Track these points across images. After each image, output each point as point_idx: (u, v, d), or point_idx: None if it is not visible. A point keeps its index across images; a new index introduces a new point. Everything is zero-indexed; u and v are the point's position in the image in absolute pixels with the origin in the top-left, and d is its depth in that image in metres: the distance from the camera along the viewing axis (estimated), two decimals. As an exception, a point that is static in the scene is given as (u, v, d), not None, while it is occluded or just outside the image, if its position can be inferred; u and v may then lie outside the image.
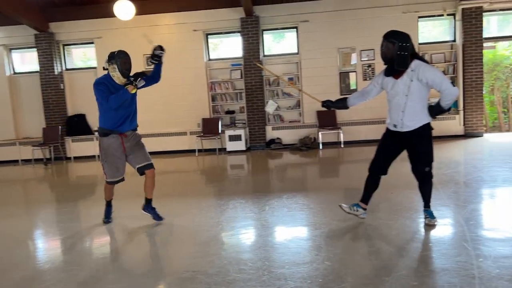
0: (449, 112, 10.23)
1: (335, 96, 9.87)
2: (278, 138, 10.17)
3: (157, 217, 4.43)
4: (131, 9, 8.33)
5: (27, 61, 11.28)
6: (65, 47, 10.68)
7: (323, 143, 9.80)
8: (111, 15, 8.71)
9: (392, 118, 3.68)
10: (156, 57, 4.40)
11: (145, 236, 4.21)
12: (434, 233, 3.66)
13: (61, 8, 10.21)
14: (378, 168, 3.83)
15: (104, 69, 4.17)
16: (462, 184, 5.34)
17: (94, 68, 10.50)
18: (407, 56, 3.47)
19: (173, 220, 4.72)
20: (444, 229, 3.77)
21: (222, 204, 5.23)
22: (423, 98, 3.56)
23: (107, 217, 4.56)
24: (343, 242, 3.60)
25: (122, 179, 4.39)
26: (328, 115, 9.79)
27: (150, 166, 4.32)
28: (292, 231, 4.08)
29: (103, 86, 4.07)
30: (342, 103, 4.08)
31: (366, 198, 3.95)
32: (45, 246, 3.94)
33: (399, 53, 3.46)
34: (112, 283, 3.13)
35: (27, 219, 5.25)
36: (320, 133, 9.75)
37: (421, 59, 3.57)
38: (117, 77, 4.13)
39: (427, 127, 3.61)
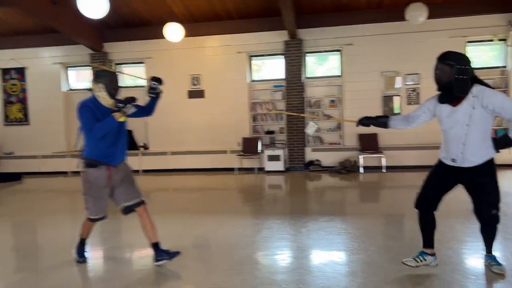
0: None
1: (377, 120, 9.79)
2: (317, 160, 10.11)
3: (174, 254, 3.79)
4: (180, 31, 8.72)
5: (81, 78, 11.98)
6: (117, 66, 11.27)
7: (364, 167, 9.65)
8: (161, 36, 9.14)
9: (449, 152, 3.20)
10: (151, 89, 3.83)
11: (182, 251, 4.29)
12: (476, 265, 3.50)
13: (115, 29, 10.83)
14: (429, 204, 3.35)
15: (89, 90, 3.72)
16: (511, 216, 5.07)
17: (143, 86, 10.98)
18: (467, 81, 3.06)
19: (209, 236, 4.80)
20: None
21: (258, 224, 5.26)
22: (487, 128, 3.13)
23: (82, 255, 3.96)
24: (381, 269, 3.51)
25: (106, 217, 3.82)
26: (370, 138, 9.66)
27: (143, 202, 3.77)
28: (328, 255, 4.03)
29: (88, 111, 3.50)
30: (382, 121, 3.61)
31: (428, 241, 3.41)
32: (87, 255, 4.08)
33: (457, 77, 3.04)
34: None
35: (72, 228, 5.49)
36: (361, 157, 9.61)
37: (483, 83, 3.16)
38: (103, 98, 3.58)
39: (491, 162, 3.15)
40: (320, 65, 11.08)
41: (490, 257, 3.36)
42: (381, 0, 9.38)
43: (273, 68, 10.98)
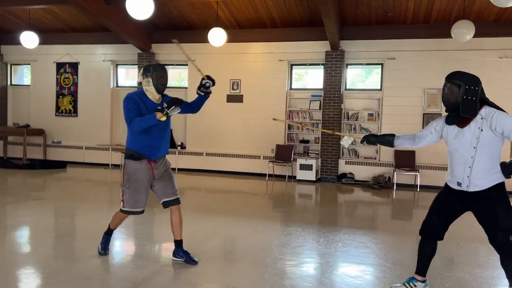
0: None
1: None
2: (350, 173, 10.00)
3: (191, 261, 3.86)
4: (223, 36, 8.96)
5: (130, 76, 12.55)
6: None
7: (398, 184, 9.43)
8: (205, 40, 9.42)
9: (455, 175, 3.09)
10: (203, 87, 3.82)
11: (198, 249, 4.41)
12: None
13: (163, 31, 11.26)
14: (433, 231, 3.19)
15: (138, 83, 3.78)
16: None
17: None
18: (475, 102, 2.96)
19: (227, 236, 4.91)
20: (507, 291, 3.46)
21: (278, 229, 5.31)
22: (496, 151, 2.99)
23: (105, 248, 4.01)
24: (390, 285, 3.47)
25: (142, 212, 3.77)
26: (406, 155, 9.46)
27: (177, 201, 3.82)
28: (341, 266, 4.03)
29: (133, 104, 3.54)
30: (388, 139, 3.49)
31: (422, 268, 3.29)
32: (114, 243, 4.29)
33: (465, 97, 2.95)
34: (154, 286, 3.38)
35: (106, 218, 5.78)
36: (395, 173, 9.41)
37: (493, 105, 3.04)
38: (151, 93, 3.63)
39: (501, 186, 2.99)
40: (365, 79, 10.93)
41: None
42: (428, 15, 9.19)
43: (312, 78, 11.00)
